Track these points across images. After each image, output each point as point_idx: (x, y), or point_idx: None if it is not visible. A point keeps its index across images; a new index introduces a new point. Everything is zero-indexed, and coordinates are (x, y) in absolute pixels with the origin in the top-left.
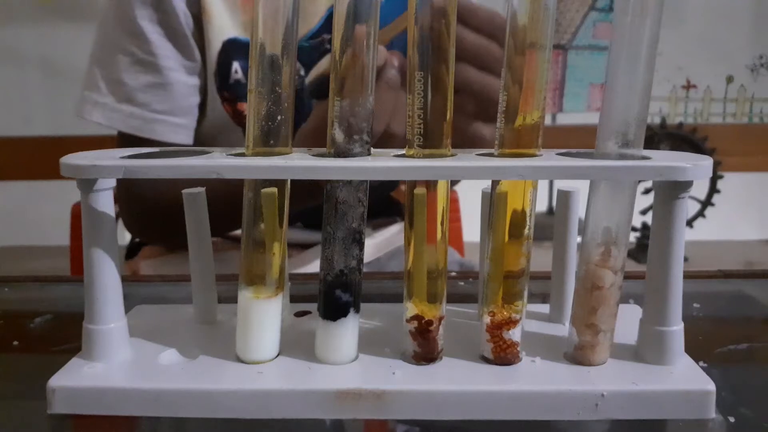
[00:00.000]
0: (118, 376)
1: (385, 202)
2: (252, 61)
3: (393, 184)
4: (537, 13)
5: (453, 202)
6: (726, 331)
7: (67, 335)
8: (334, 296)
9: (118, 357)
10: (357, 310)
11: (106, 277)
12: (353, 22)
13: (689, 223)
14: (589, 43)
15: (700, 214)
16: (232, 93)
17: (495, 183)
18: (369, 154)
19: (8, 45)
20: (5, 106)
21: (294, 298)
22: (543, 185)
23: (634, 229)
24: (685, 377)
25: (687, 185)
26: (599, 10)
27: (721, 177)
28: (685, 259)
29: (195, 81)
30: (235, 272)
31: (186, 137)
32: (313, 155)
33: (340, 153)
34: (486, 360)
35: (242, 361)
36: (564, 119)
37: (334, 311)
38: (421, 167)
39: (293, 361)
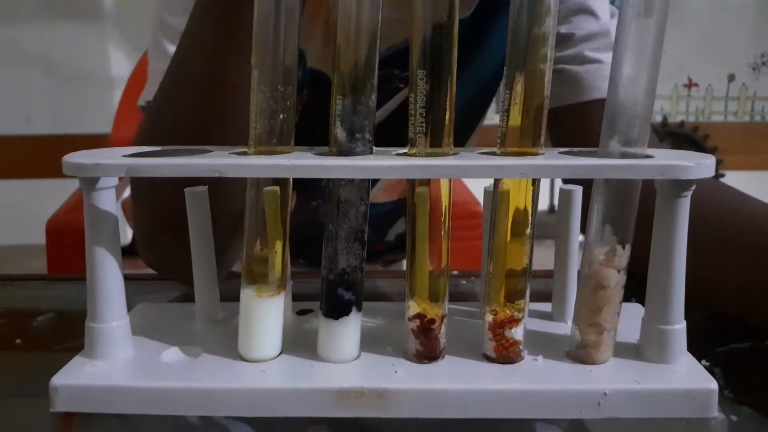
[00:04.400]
0: (120, 375)
1: (395, 238)
2: (254, 59)
3: (397, 216)
4: (540, 10)
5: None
6: (728, 329)
7: (69, 333)
8: (336, 294)
9: (121, 355)
10: (359, 309)
11: (109, 275)
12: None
13: None
14: None
15: None
16: None
17: (497, 181)
18: (371, 153)
19: (10, 44)
20: (6, 105)
21: (296, 297)
22: (544, 183)
23: None
24: (687, 376)
25: (690, 184)
26: None
27: (722, 175)
28: None
29: None
30: None
31: None
32: (316, 154)
33: (343, 152)
34: (488, 358)
35: (244, 360)
36: None
37: (336, 310)
38: (423, 166)
39: (295, 360)
